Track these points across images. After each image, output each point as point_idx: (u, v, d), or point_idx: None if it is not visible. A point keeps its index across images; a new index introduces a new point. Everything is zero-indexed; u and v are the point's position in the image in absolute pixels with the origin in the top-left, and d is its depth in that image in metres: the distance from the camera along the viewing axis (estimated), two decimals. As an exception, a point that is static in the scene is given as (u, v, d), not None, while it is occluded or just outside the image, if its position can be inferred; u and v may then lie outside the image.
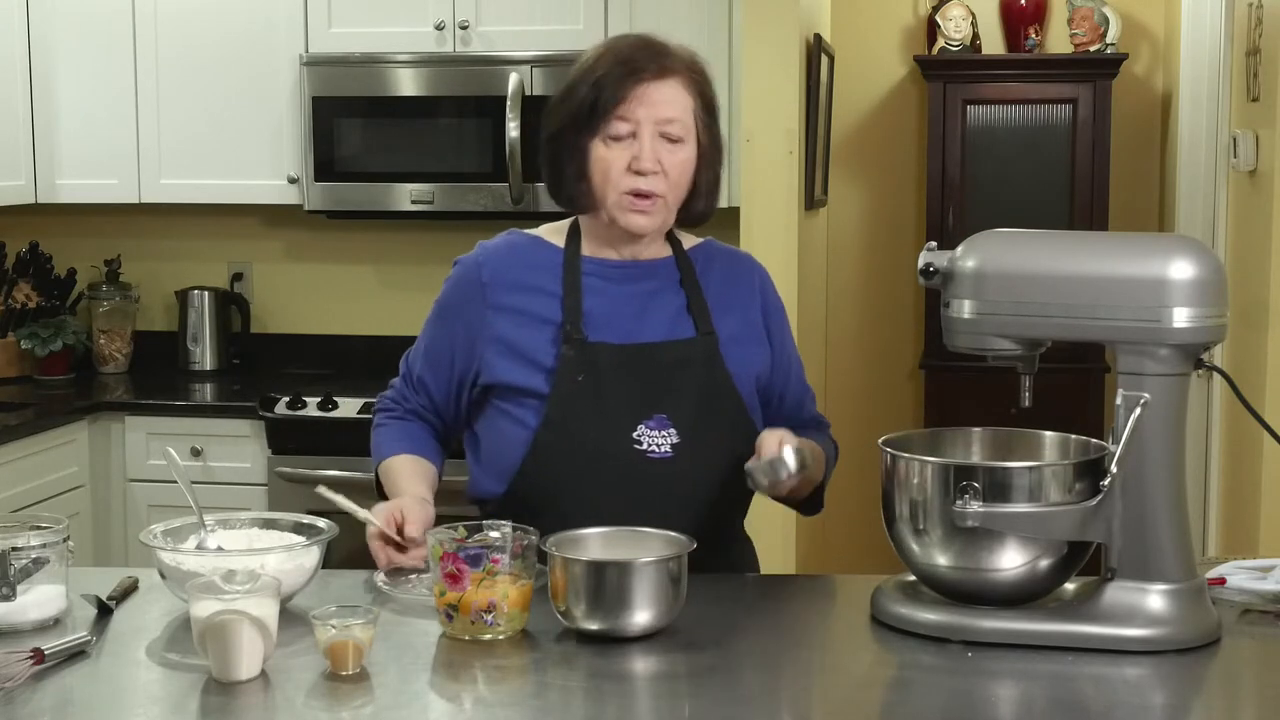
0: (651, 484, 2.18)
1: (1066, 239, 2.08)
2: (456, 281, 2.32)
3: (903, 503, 1.98)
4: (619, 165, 2.19)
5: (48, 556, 1.99)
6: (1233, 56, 4.05)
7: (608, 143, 2.19)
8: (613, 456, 2.18)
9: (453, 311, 2.31)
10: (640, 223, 2.22)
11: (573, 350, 2.20)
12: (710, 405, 2.22)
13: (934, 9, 5.32)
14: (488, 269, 2.29)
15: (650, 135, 2.18)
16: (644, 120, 2.18)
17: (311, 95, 4.25)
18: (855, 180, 5.52)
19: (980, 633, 1.91)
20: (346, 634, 1.80)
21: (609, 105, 2.17)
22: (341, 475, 3.98)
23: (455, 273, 2.34)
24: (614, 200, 2.21)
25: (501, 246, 2.33)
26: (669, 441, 2.19)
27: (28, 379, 4.51)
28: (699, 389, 2.22)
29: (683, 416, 2.20)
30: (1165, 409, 1.90)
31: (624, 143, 2.18)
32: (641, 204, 2.20)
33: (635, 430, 2.19)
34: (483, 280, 2.28)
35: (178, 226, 4.76)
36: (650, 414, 2.19)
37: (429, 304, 2.37)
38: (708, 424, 2.21)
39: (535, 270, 2.27)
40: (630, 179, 2.19)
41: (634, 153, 2.18)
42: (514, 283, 2.27)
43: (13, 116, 4.35)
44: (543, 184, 2.33)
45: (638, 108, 2.17)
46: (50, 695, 1.77)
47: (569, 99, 2.22)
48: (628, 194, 2.20)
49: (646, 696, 1.84)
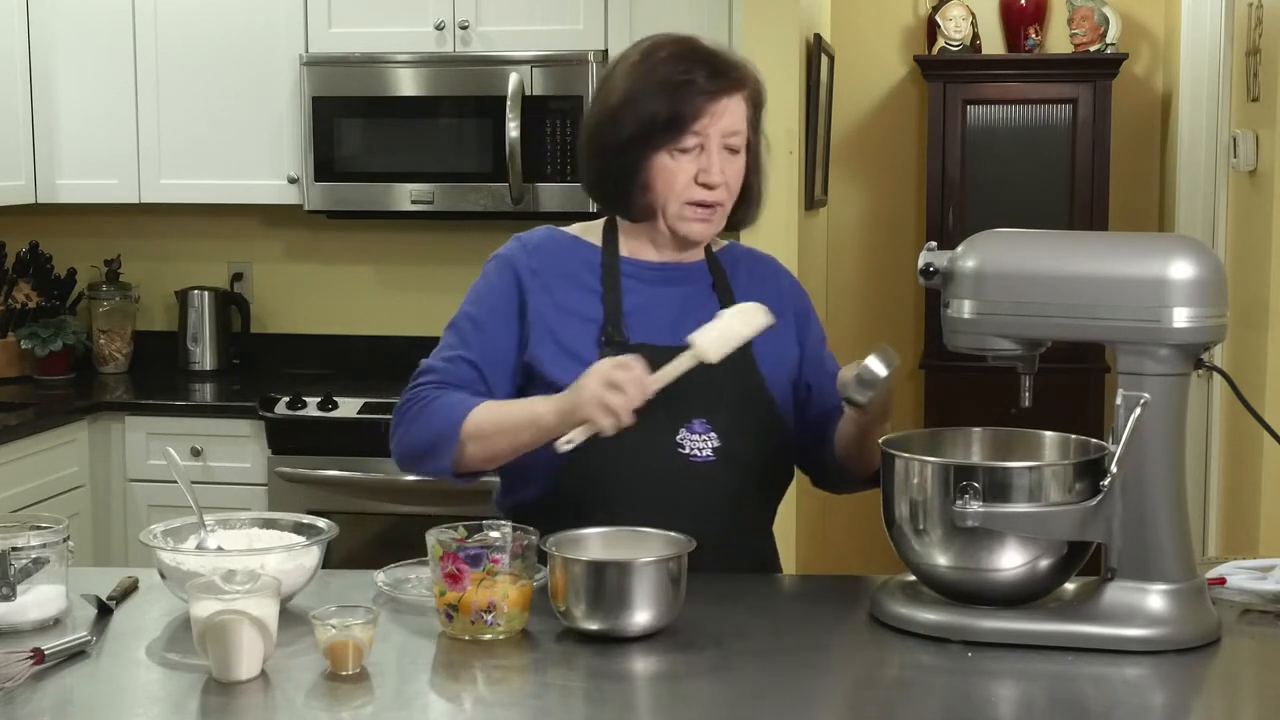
0: (695, 488, 2.19)
1: (1066, 239, 2.08)
2: (503, 265, 2.28)
3: (903, 503, 1.98)
4: (685, 177, 2.19)
5: (48, 556, 1.99)
6: (1233, 56, 4.05)
7: (674, 154, 2.18)
8: (659, 461, 2.18)
9: (499, 294, 2.26)
10: (701, 231, 2.23)
11: (614, 352, 2.18)
12: (747, 409, 2.23)
13: (934, 9, 5.32)
14: (536, 258, 2.27)
15: (717, 148, 2.19)
16: (713, 134, 2.18)
17: (311, 95, 4.25)
18: (855, 180, 5.52)
19: (980, 633, 1.91)
20: (346, 634, 1.80)
21: (686, 120, 2.17)
22: (341, 475, 3.99)
23: (501, 258, 2.29)
24: (675, 211, 2.21)
25: (544, 239, 2.30)
26: (710, 446, 2.20)
27: (28, 379, 4.51)
28: (736, 393, 2.23)
29: (722, 421, 2.21)
30: (1165, 409, 1.90)
31: (690, 154, 2.18)
32: (703, 213, 2.22)
33: (678, 435, 2.19)
34: (532, 268, 2.25)
35: (178, 226, 4.76)
36: (691, 418, 2.19)
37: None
38: (745, 428, 2.22)
39: (577, 267, 2.27)
40: (696, 190, 2.19)
41: (701, 165, 2.18)
42: (559, 275, 2.25)
43: (13, 116, 4.35)
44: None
45: (710, 122, 2.18)
46: (50, 695, 1.77)
47: (632, 109, 2.18)
48: (690, 204, 2.20)
49: (646, 696, 1.84)
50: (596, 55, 4.11)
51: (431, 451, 2.18)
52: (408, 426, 2.22)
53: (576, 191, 4.08)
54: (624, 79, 2.21)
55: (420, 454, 2.21)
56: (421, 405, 2.21)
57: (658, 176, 2.19)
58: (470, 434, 2.15)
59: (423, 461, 2.22)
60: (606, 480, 2.17)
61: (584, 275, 2.26)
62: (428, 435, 2.19)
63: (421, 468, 2.23)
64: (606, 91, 2.24)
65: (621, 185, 2.22)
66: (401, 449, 2.25)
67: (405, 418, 2.23)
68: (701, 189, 2.19)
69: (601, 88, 2.27)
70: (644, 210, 2.23)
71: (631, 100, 2.19)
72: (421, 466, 2.23)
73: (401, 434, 2.24)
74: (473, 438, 2.15)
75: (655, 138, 2.17)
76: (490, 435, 2.15)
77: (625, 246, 2.29)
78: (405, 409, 2.24)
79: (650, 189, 2.20)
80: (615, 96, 2.21)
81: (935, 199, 5.21)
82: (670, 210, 2.21)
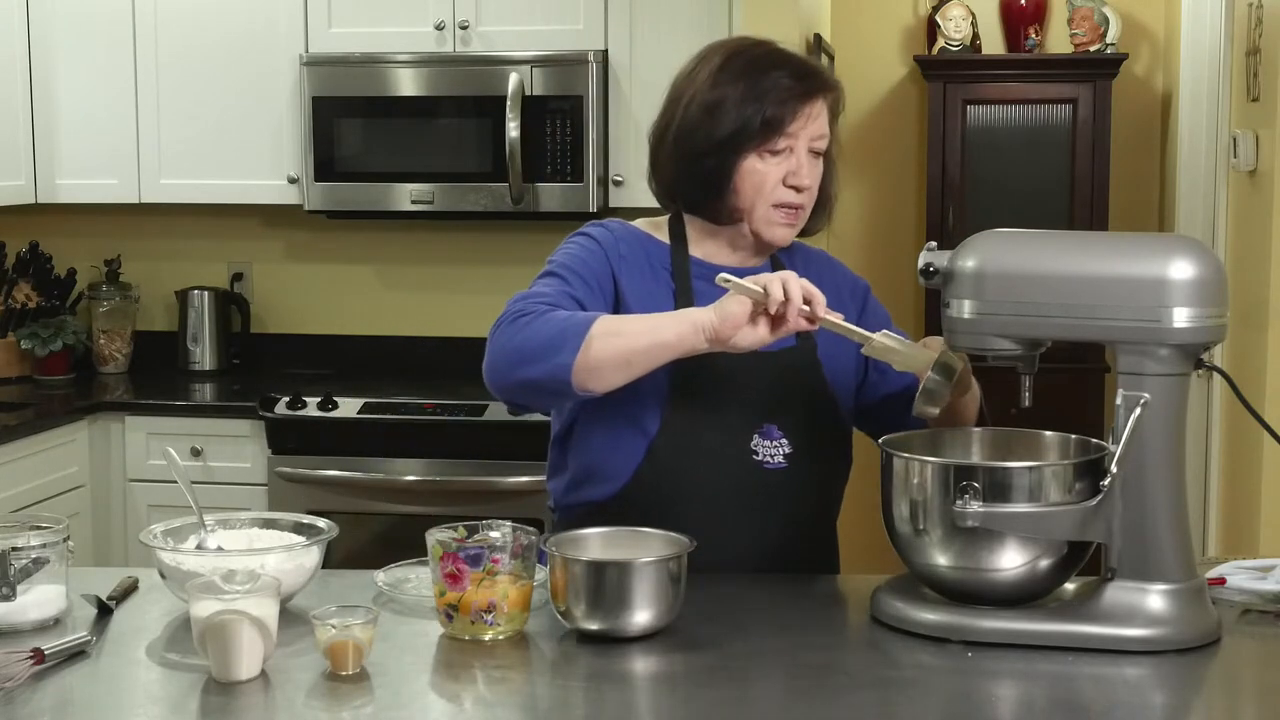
0: (767, 494, 2.20)
1: (1066, 239, 2.08)
2: (594, 243, 2.24)
3: (903, 503, 1.98)
4: (773, 179, 2.19)
5: (48, 556, 1.99)
6: (1233, 56, 4.05)
7: (764, 157, 2.19)
8: (733, 466, 2.18)
9: (596, 264, 2.21)
10: (785, 235, 2.25)
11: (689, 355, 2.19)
12: (815, 414, 2.25)
13: (934, 9, 5.33)
14: (623, 244, 2.26)
15: (804, 151, 2.20)
16: (803, 137, 2.20)
17: (311, 95, 4.25)
18: (855, 180, 5.52)
19: (980, 633, 1.91)
20: (346, 634, 1.80)
21: (782, 123, 2.17)
22: (341, 475, 3.99)
23: (590, 237, 2.25)
24: (763, 213, 2.21)
25: (623, 229, 2.29)
26: (782, 452, 2.21)
27: (28, 379, 4.51)
28: (804, 398, 2.24)
29: (792, 427, 2.22)
30: (1165, 409, 1.90)
31: (779, 157, 2.19)
32: (789, 216, 2.23)
33: (751, 440, 2.20)
34: (620, 253, 2.25)
35: (178, 226, 4.76)
36: (763, 424, 2.20)
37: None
38: (814, 434, 2.23)
39: (652, 261, 2.26)
40: (784, 193, 2.20)
41: (789, 168, 2.19)
42: (640, 266, 2.25)
43: (13, 116, 4.35)
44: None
45: (803, 125, 2.19)
46: (50, 695, 1.77)
47: (724, 112, 2.17)
48: (778, 207, 2.21)
49: (646, 696, 1.84)
50: (596, 55, 4.11)
51: (550, 345, 2.03)
52: (521, 328, 2.06)
53: (577, 191, 4.08)
54: (709, 82, 2.20)
55: (535, 350, 2.04)
56: (537, 314, 2.07)
57: (746, 179, 2.20)
58: (603, 330, 2.02)
59: (536, 359, 2.04)
60: (680, 484, 2.17)
61: (658, 270, 2.26)
62: (549, 332, 2.04)
63: (531, 369, 2.05)
64: (689, 96, 2.22)
65: (709, 188, 2.22)
66: (509, 347, 2.07)
67: (516, 324, 2.07)
68: (789, 191, 2.20)
69: (681, 92, 2.25)
70: (731, 213, 2.23)
71: (721, 103, 2.18)
72: (532, 366, 2.04)
73: (509, 335, 2.07)
74: (606, 333, 2.02)
75: (749, 140, 2.18)
76: (627, 331, 2.04)
77: (696, 247, 2.28)
78: (514, 317, 2.08)
79: (739, 192, 2.21)
80: (702, 100, 2.20)
81: (935, 199, 5.21)
82: (758, 213, 2.21)
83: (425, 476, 3.96)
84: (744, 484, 2.20)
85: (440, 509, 3.75)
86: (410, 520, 3.78)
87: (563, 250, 2.26)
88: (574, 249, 2.25)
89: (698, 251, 2.28)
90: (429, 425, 3.96)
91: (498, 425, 3.89)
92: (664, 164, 2.28)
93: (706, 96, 2.20)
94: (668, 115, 2.26)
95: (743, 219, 2.23)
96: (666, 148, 2.26)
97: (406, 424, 3.98)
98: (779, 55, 2.23)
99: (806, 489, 2.25)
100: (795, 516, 2.24)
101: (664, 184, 2.29)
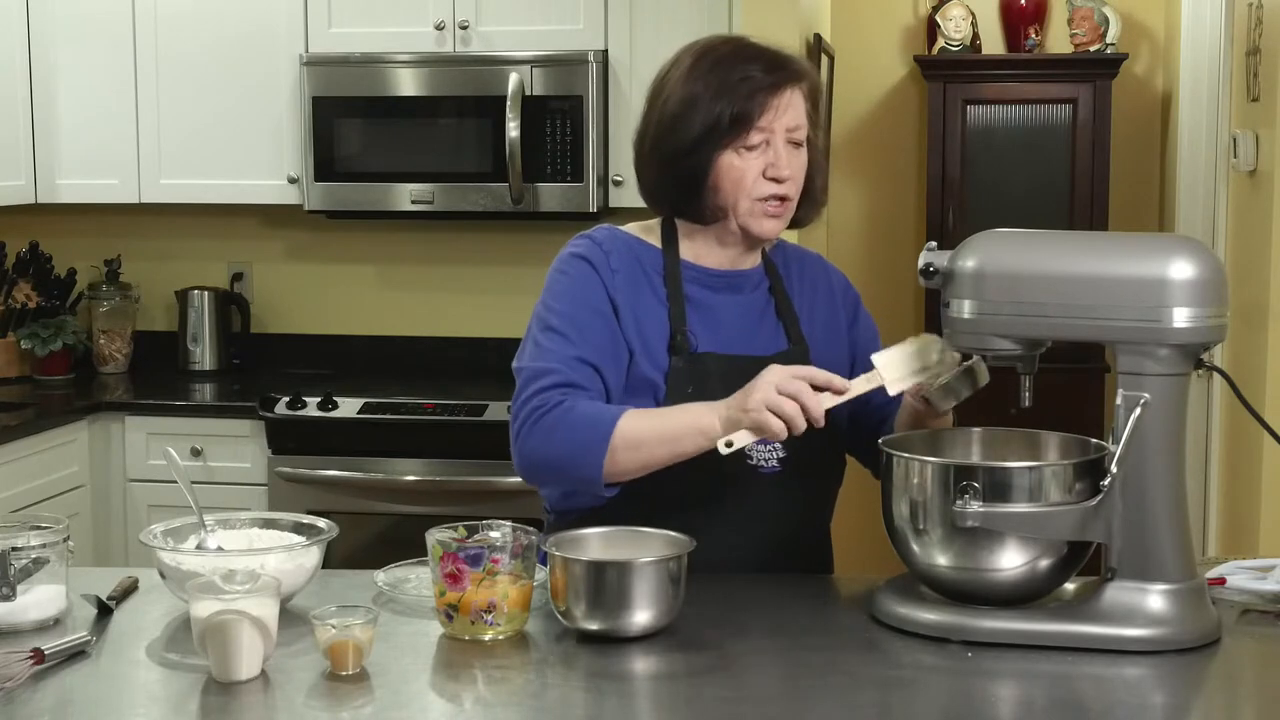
0: (761, 498, 2.21)
1: (1066, 239, 2.08)
2: (585, 264, 2.23)
3: (903, 503, 1.98)
4: (753, 173, 2.19)
5: (48, 556, 1.99)
6: (1233, 56, 4.05)
7: (740, 152, 2.19)
8: (728, 471, 2.18)
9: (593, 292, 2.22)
10: (773, 228, 2.24)
11: (682, 361, 2.20)
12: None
13: (934, 9, 5.33)
14: (615, 256, 2.25)
15: (782, 142, 2.20)
16: (777, 128, 2.19)
17: (311, 95, 4.25)
18: (855, 180, 5.52)
19: (980, 633, 1.91)
20: (346, 634, 1.80)
21: (752, 116, 2.17)
22: (341, 475, 3.99)
23: (580, 257, 2.24)
24: (746, 208, 2.21)
25: (612, 239, 2.28)
26: (776, 456, 2.22)
27: (28, 379, 4.51)
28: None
29: None
30: (1165, 409, 1.90)
31: (756, 151, 2.19)
32: (774, 209, 2.22)
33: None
34: (612, 267, 2.24)
35: (178, 226, 4.76)
36: None
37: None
38: (807, 437, 2.21)
39: (645, 268, 2.26)
40: (767, 186, 2.20)
41: (768, 160, 2.19)
42: (632, 275, 2.24)
43: (13, 116, 4.35)
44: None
45: (774, 117, 2.18)
46: (50, 695, 1.78)
47: (694, 111, 2.18)
48: (761, 200, 2.21)
49: (646, 696, 1.84)
50: (596, 55, 4.11)
51: (577, 461, 2.09)
52: (546, 434, 2.11)
53: (577, 191, 4.08)
54: (681, 83, 2.21)
55: (564, 463, 2.11)
56: (561, 412, 2.10)
57: (726, 175, 2.19)
58: (624, 443, 2.07)
59: (566, 471, 2.12)
60: (676, 489, 2.16)
61: (651, 277, 2.26)
62: (573, 443, 2.09)
63: (562, 478, 2.16)
64: (663, 98, 2.24)
65: (690, 188, 2.22)
66: (537, 458, 2.13)
67: (540, 426, 2.11)
68: (771, 183, 2.20)
69: (656, 95, 2.26)
70: (715, 211, 2.23)
71: (693, 103, 2.19)
72: (562, 476, 2.15)
73: (536, 443, 2.12)
74: (627, 446, 2.07)
75: (721, 137, 2.18)
76: (647, 444, 2.08)
77: (686, 250, 2.28)
78: (536, 416, 2.12)
79: (719, 189, 2.21)
80: (675, 101, 2.21)
81: (935, 199, 5.21)
82: (741, 208, 2.21)
83: (425, 476, 3.96)
84: (739, 489, 2.20)
85: (440, 509, 3.75)
86: (410, 520, 3.78)
87: (559, 284, 2.24)
88: (568, 283, 2.23)
89: (689, 253, 2.28)
90: (429, 425, 3.96)
91: (498, 425, 3.87)
92: (646, 168, 2.28)
93: (679, 97, 2.21)
94: (646, 120, 2.28)
95: (728, 216, 2.22)
96: (646, 152, 2.27)
97: (406, 424, 3.98)
98: (748, 50, 2.23)
99: (801, 493, 2.25)
100: (789, 520, 2.25)
101: (648, 188, 2.30)
